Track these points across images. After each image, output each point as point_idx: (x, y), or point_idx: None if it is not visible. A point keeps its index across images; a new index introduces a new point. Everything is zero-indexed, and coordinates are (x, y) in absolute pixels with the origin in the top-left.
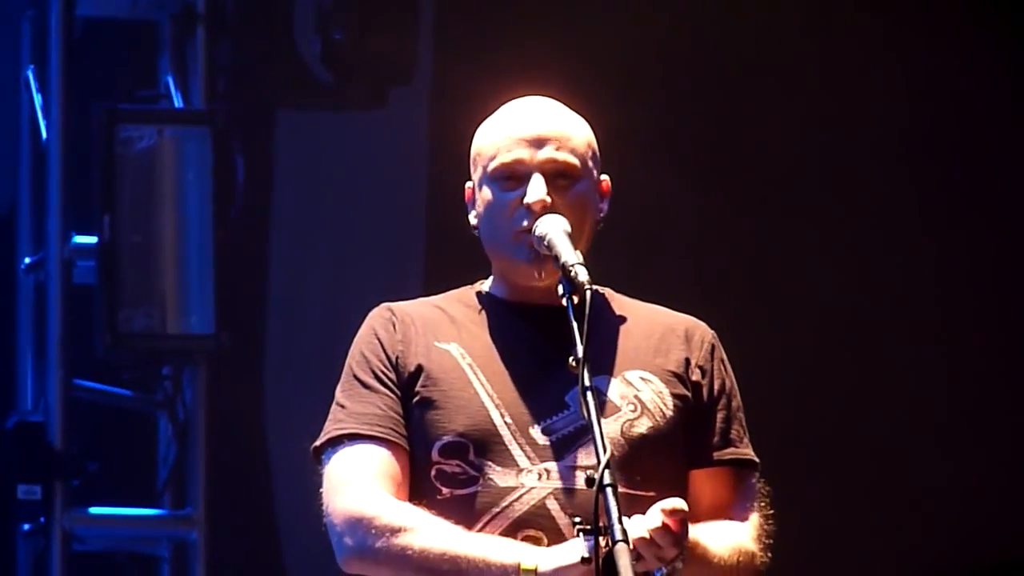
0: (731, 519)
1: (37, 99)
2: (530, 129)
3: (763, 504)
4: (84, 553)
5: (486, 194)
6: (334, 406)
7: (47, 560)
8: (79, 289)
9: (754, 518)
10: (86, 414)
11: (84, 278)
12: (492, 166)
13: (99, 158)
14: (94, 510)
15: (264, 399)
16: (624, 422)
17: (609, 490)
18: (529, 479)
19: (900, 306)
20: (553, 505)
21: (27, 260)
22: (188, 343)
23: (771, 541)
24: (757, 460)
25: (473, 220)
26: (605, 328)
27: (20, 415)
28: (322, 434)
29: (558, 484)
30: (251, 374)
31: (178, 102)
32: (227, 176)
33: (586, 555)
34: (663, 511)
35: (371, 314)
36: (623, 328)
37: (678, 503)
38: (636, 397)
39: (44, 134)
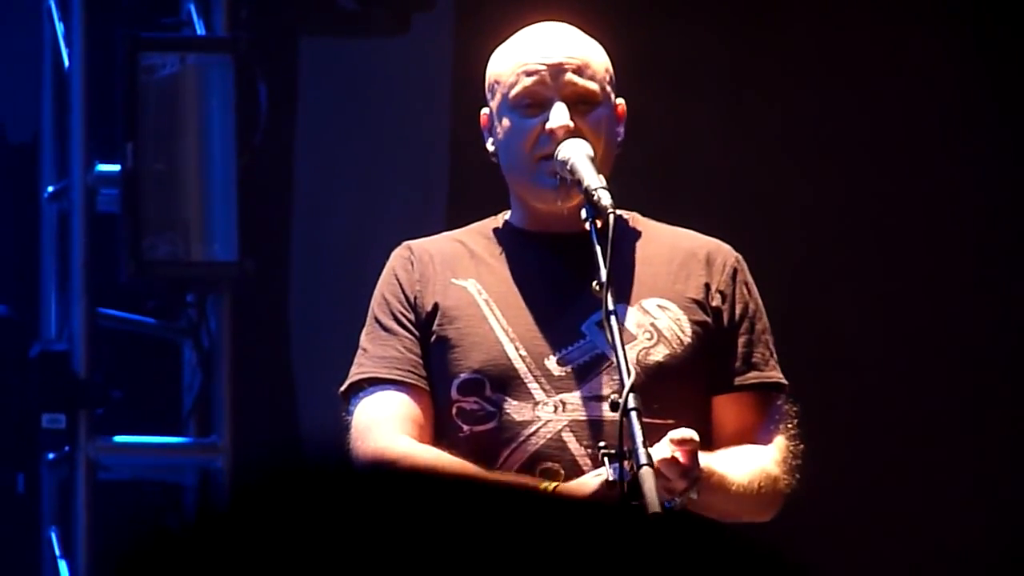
0: (755, 443)
1: (59, 28)
2: (551, 55)
3: (790, 426)
4: (109, 481)
5: (506, 121)
6: (359, 350)
7: (72, 489)
8: (102, 217)
9: (779, 441)
10: (110, 342)
11: (107, 206)
12: (513, 93)
13: (122, 86)
14: (119, 438)
15: (289, 326)
16: (640, 350)
17: (634, 415)
18: (545, 412)
19: (933, 234)
20: (569, 437)
21: (50, 189)
22: (212, 270)
23: (798, 463)
24: (784, 382)
25: (491, 147)
26: (625, 255)
27: (44, 344)
28: (347, 379)
29: (574, 415)
30: (275, 301)
31: (200, 30)
32: (250, 103)
33: (611, 478)
34: (672, 441)
35: (392, 254)
36: (643, 254)
37: (688, 433)
38: (652, 325)
39: (66, 63)
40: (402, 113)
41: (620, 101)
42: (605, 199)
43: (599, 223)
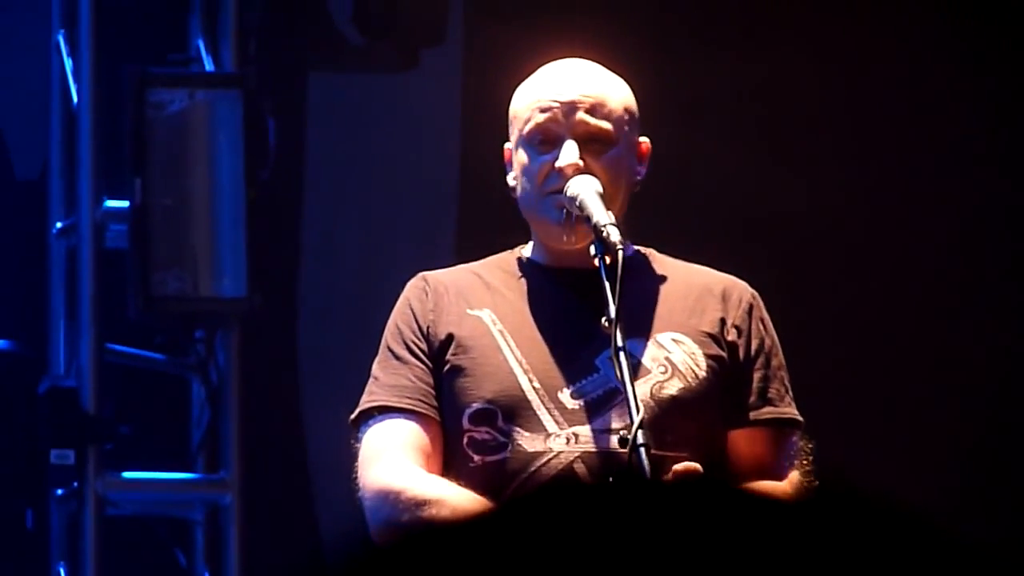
0: (770, 479)
1: (68, 63)
2: (565, 93)
3: (804, 462)
4: (117, 517)
5: (521, 157)
6: (370, 378)
7: (80, 524)
8: (111, 253)
9: (793, 476)
10: (119, 378)
11: (116, 242)
12: (527, 129)
13: (130, 122)
14: (127, 474)
15: (297, 361)
16: (654, 384)
17: (642, 450)
18: (557, 443)
19: (946, 254)
20: (580, 469)
21: (59, 225)
22: (221, 306)
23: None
24: (799, 419)
25: (512, 182)
26: (641, 290)
27: (53, 380)
28: (357, 407)
29: (586, 448)
30: (284, 336)
31: (209, 65)
32: (259, 138)
33: None
34: (675, 472)
35: (407, 285)
36: (659, 289)
37: (692, 466)
38: (667, 359)
39: (75, 98)
40: (411, 147)
41: (644, 140)
42: (614, 235)
43: (608, 259)
